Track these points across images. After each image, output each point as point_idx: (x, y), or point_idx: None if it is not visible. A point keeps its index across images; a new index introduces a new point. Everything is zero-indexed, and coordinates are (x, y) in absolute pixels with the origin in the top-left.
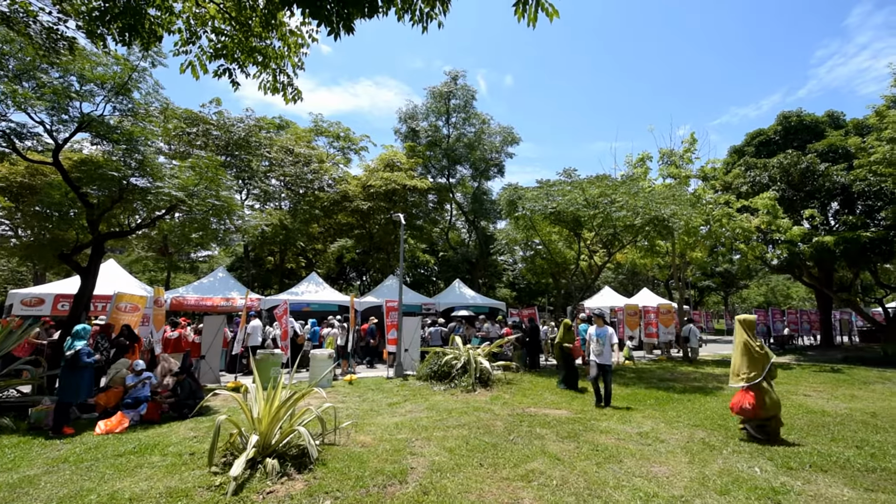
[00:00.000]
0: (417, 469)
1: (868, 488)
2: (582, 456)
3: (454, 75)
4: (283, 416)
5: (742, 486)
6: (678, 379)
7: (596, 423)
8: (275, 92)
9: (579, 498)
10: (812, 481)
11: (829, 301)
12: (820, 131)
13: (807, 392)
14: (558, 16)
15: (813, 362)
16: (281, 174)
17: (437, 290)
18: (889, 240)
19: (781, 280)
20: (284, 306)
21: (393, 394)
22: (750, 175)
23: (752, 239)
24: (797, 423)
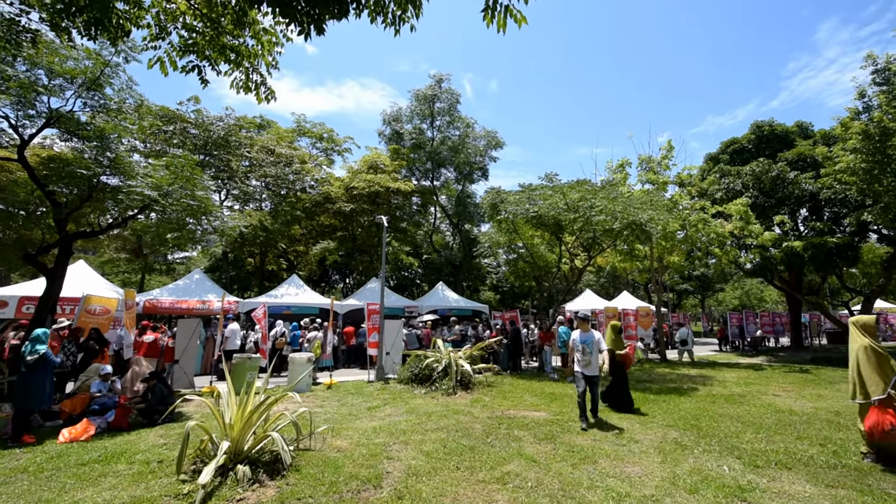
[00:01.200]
0: (393, 473)
1: (829, 484)
2: (558, 457)
3: (439, 78)
4: (257, 421)
5: (711, 484)
6: (654, 380)
7: (573, 424)
8: (247, 91)
9: (553, 499)
10: (777, 479)
11: (799, 304)
12: (790, 141)
13: (776, 392)
14: (526, 22)
15: (783, 363)
16: (261, 175)
17: (420, 292)
18: (854, 245)
19: (755, 283)
20: (263, 309)
21: (373, 398)
22: (724, 182)
23: (727, 244)
24: (766, 423)
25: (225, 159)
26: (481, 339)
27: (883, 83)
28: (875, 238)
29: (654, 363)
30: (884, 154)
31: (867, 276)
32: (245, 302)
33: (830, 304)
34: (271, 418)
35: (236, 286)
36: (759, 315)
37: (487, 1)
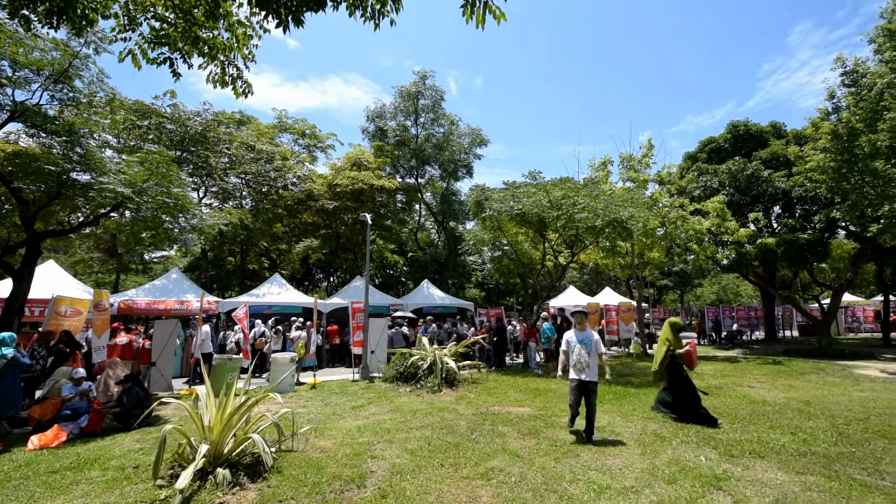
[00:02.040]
0: (377, 472)
1: (799, 471)
2: (541, 452)
3: (423, 75)
4: (237, 423)
5: (688, 474)
6: (635, 374)
7: (556, 419)
8: (223, 85)
9: (536, 493)
10: (751, 467)
11: (772, 298)
12: (764, 140)
13: (751, 383)
14: (505, 19)
15: (758, 355)
16: (241, 171)
17: (406, 290)
18: (823, 242)
19: (731, 279)
20: (244, 309)
21: (357, 397)
22: (702, 180)
23: (704, 240)
24: (741, 413)
25: (203, 155)
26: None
27: (851, 85)
28: (843, 234)
29: (636, 357)
30: (851, 153)
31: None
32: (225, 302)
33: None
34: (252, 420)
35: (216, 286)
36: (735, 309)
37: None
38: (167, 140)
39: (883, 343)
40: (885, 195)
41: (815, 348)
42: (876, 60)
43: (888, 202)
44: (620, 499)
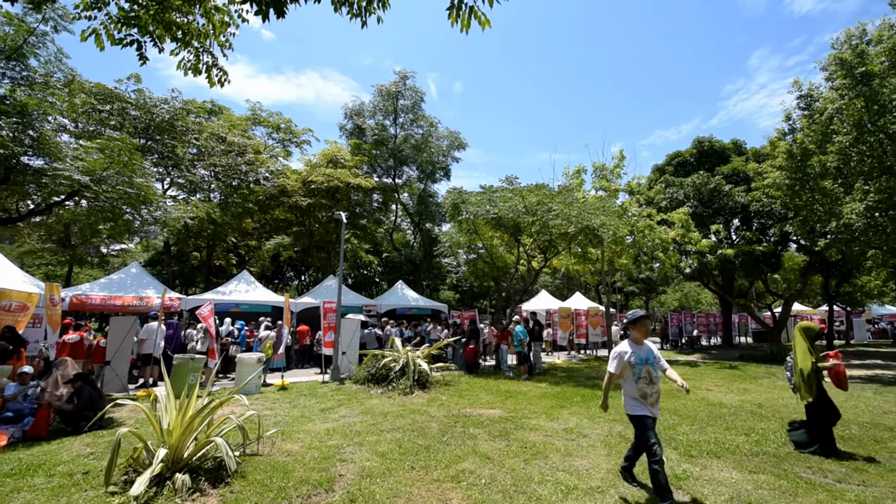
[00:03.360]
0: (346, 476)
1: (752, 470)
2: (511, 454)
3: (404, 75)
4: (198, 426)
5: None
6: (603, 377)
7: (526, 421)
8: (196, 73)
9: (505, 495)
10: (708, 467)
11: (730, 306)
12: (726, 156)
13: (709, 387)
14: (490, 25)
15: (715, 360)
16: (210, 163)
17: (379, 291)
18: (777, 254)
19: (693, 287)
20: (210, 307)
21: (327, 399)
22: (669, 192)
23: (669, 249)
24: (699, 415)
25: (170, 145)
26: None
27: (805, 108)
28: (794, 248)
29: (604, 360)
30: (803, 172)
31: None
32: (189, 299)
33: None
34: (215, 423)
35: (179, 282)
36: (696, 316)
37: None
38: (130, 127)
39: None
40: (832, 212)
41: (768, 354)
42: (828, 87)
43: (835, 219)
44: (587, 499)
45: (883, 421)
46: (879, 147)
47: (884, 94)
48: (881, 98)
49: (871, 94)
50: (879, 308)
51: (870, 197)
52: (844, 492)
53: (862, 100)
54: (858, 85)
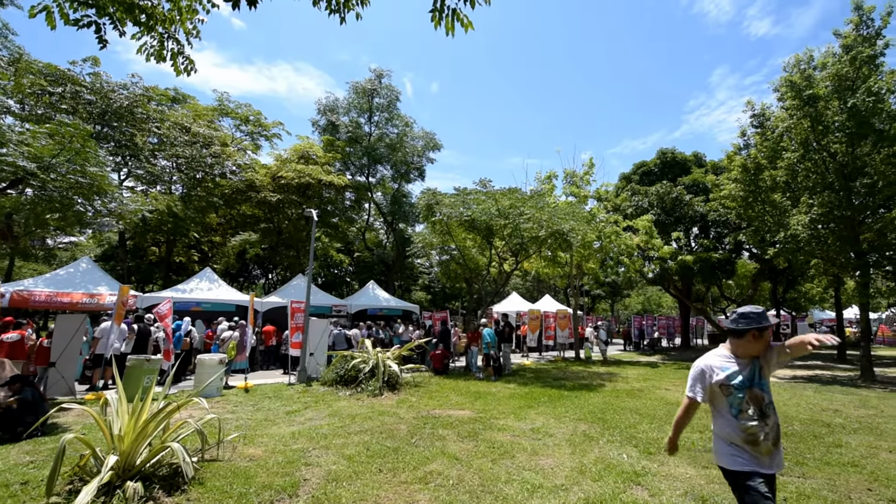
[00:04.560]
0: (311, 481)
1: (704, 466)
2: (479, 454)
3: (379, 73)
4: (153, 431)
5: (612, 471)
6: (569, 377)
7: (495, 421)
8: (160, 59)
9: (473, 495)
10: (665, 463)
11: (688, 309)
12: (688, 168)
13: (667, 386)
14: (472, 27)
15: (674, 361)
16: (173, 154)
17: (350, 291)
18: (731, 261)
19: (655, 291)
20: (168, 305)
21: (293, 401)
22: (634, 199)
23: (634, 254)
24: (658, 414)
25: (128, 133)
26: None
27: (758, 126)
28: (747, 255)
29: (570, 362)
30: (756, 185)
31: (740, 287)
32: (147, 296)
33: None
34: (172, 427)
35: (135, 278)
36: (657, 319)
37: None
38: (85, 112)
39: None
40: (780, 224)
41: None
42: (779, 107)
43: (783, 230)
44: (551, 497)
45: (821, 418)
46: (822, 164)
47: (827, 115)
48: (825, 119)
49: (817, 115)
50: (820, 313)
51: (813, 210)
52: (786, 484)
53: (808, 120)
54: (805, 106)
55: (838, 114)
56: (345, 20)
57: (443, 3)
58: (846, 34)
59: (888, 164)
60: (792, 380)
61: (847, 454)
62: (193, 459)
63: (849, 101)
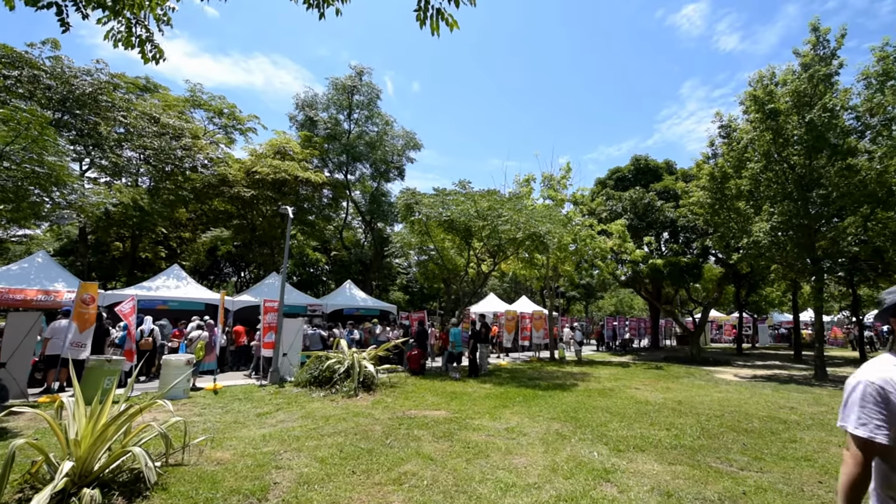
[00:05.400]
0: (282, 484)
1: (670, 462)
2: (454, 454)
3: (360, 70)
4: (113, 435)
5: (583, 469)
6: (544, 377)
7: (470, 421)
8: (128, 46)
9: (447, 495)
10: (634, 460)
11: (658, 311)
12: (659, 174)
13: (637, 386)
14: (458, 27)
15: (644, 361)
16: (140, 145)
17: (327, 290)
18: (698, 265)
19: (627, 293)
20: (132, 303)
21: (264, 403)
22: (609, 204)
23: (608, 258)
24: (628, 412)
25: (91, 122)
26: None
27: (725, 137)
28: (713, 260)
29: (545, 361)
30: (722, 193)
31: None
32: (109, 294)
33: (680, 312)
34: (134, 431)
35: (96, 274)
36: (629, 320)
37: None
38: (43, 98)
39: (737, 352)
40: (744, 230)
41: (688, 355)
42: (744, 119)
43: (746, 236)
44: (524, 495)
45: (778, 415)
46: (783, 175)
47: (787, 129)
48: (785, 132)
49: (778, 128)
50: (779, 316)
51: (774, 218)
52: (746, 478)
53: (770, 133)
54: (768, 119)
55: (797, 128)
56: (324, 15)
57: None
58: (805, 53)
59: (841, 176)
60: (752, 379)
61: (801, 449)
62: (157, 464)
63: (806, 116)
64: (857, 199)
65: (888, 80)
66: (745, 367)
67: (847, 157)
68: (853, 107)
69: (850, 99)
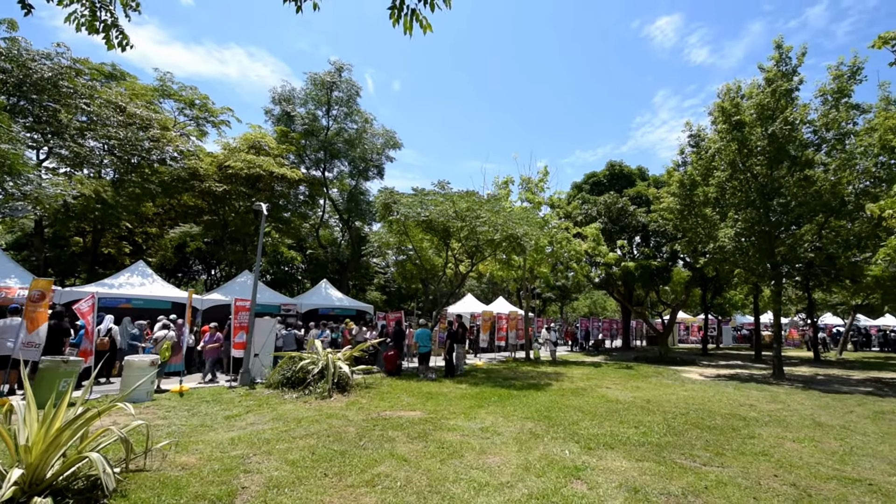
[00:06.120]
0: (250, 488)
1: (638, 459)
2: (428, 454)
3: (340, 67)
4: (68, 440)
5: (555, 467)
6: (519, 377)
7: (445, 421)
8: (92, 31)
9: (420, 496)
10: (604, 458)
11: (629, 313)
12: (633, 180)
13: (608, 385)
14: (431, 30)
15: (615, 361)
16: (104, 135)
17: (302, 289)
18: (668, 269)
19: (600, 295)
20: (91, 301)
21: (234, 405)
22: (584, 208)
23: (582, 260)
24: (599, 411)
25: (51, 108)
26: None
27: (694, 146)
28: (682, 264)
29: (521, 362)
30: (691, 200)
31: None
32: (67, 290)
33: (650, 314)
34: (91, 435)
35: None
36: (602, 321)
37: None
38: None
39: (702, 352)
40: (710, 235)
41: (657, 355)
42: (712, 130)
43: (712, 241)
44: (497, 494)
45: (739, 412)
46: (747, 184)
47: (752, 140)
48: (749, 143)
49: (743, 139)
50: (742, 317)
51: (738, 224)
52: (708, 473)
53: (736, 143)
54: (734, 130)
55: (760, 139)
56: (301, 9)
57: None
58: (769, 69)
59: (799, 186)
60: (716, 378)
61: (759, 444)
62: (116, 470)
63: (769, 128)
64: (812, 209)
65: (842, 97)
66: (710, 367)
67: (805, 169)
68: (811, 121)
69: (808, 114)
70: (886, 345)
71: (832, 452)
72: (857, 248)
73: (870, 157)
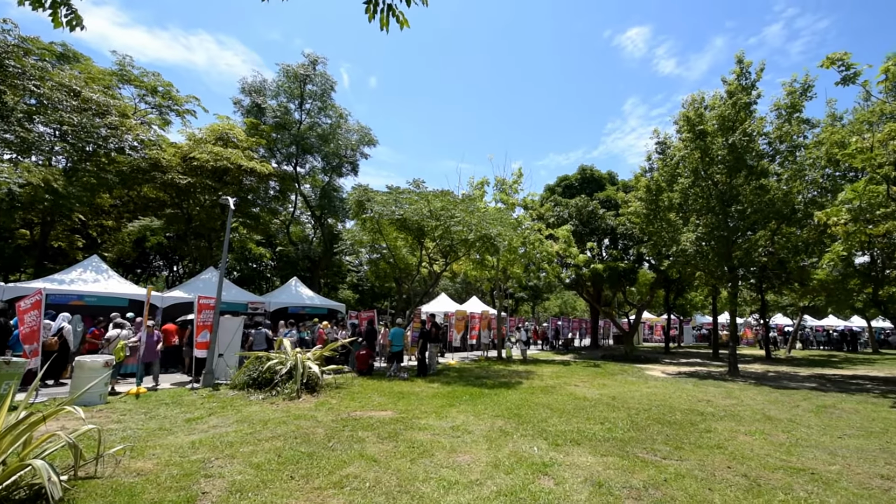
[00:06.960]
0: (211, 493)
1: (603, 454)
2: (398, 454)
3: (314, 59)
4: (9, 447)
5: (523, 464)
6: (491, 376)
7: (416, 421)
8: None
9: (389, 496)
10: (571, 454)
11: (598, 312)
12: (603, 184)
13: (576, 383)
14: (408, 25)
15: (584, 359)
16: (56, 120)
17: (271, 287)
18: (634, 270)
19: (570, 295)
20: (37, 297)
21: (195, 407)
22: (556, 210)
23: (554, 261)
24: (567, 408)
25: None
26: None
27: (661, 153)
28: (647, 266)
29: (493, 361)
30: (656, 205)
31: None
32: (11, 286)
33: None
34: (36, 441)
35: None
36: (572, 321)
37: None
38: None
39: (665, 351)
40: (674, 239)
41: (623, 354)
42: (677, 138)
43: (675, 245)
44: (466, 492)
45: (697, 407)
46: (708, 191)
47: (713, 149)
48: (711, 152)
49: (705, 147)
50: (702, 318)
51: (699, 229)
52: (668, 466)
53: (699, 151)
54: (697, 139)
55: (721, 148)
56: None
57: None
58: (730, 82)
59: (755, 194)
60: (677, 375)
61: (714, 438)
62: (63, 478)
63: (729, 138)
64: (766, 216)
65: (794, 112)
66: (672, 365)
67: (760, 178)
68: (766, 133)
69: (764, 126)
70: (829, 343)
71: (780, 444)
72: (805, 254)
73: (818, 169)
